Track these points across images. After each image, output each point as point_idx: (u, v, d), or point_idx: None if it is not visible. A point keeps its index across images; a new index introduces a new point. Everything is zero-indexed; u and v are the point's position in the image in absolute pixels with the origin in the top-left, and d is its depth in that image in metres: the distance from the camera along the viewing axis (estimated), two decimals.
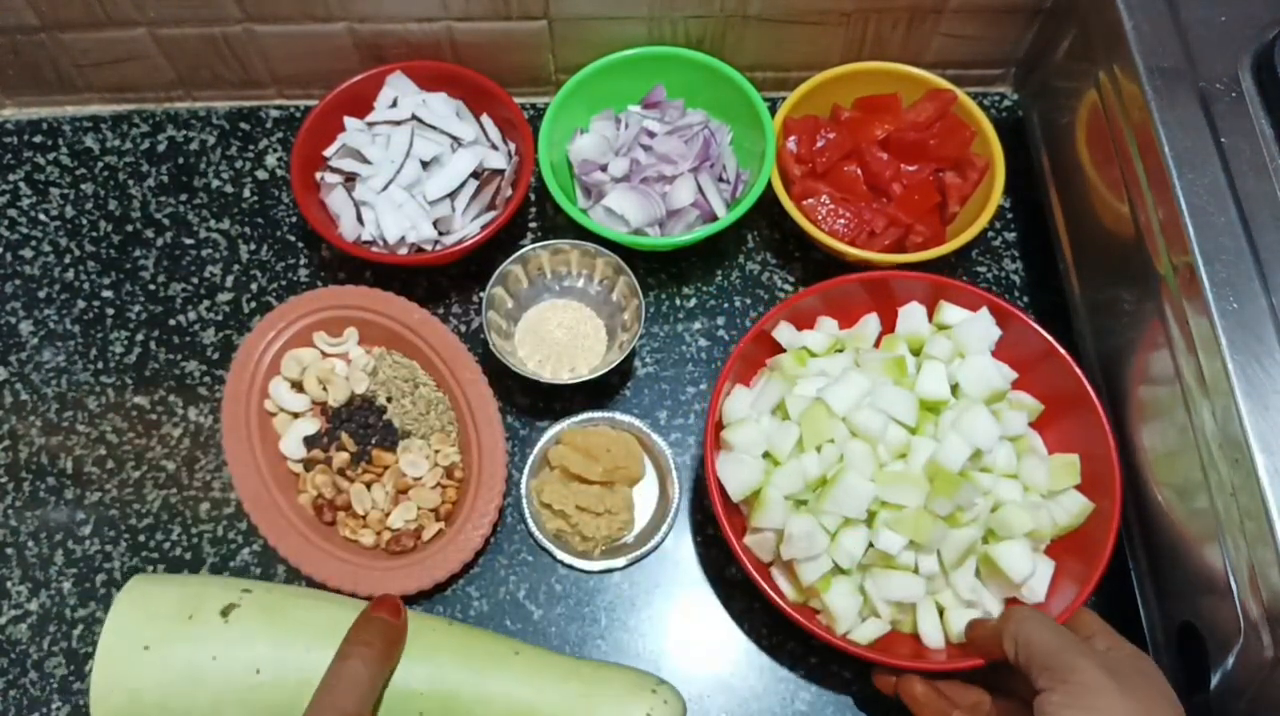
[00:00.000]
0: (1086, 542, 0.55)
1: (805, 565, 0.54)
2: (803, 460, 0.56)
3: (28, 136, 0.77)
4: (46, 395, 0.68)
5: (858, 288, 0.62)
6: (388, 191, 0.67)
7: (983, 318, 0.59)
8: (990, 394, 0.57)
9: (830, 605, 0.54)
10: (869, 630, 0.55)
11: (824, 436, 0.55)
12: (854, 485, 0.53)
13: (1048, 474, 0.57)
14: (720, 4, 0.69)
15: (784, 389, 0.58)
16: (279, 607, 0.52)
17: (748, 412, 0.58)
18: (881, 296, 0.62)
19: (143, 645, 0.50)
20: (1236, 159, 0.52)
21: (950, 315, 0.60)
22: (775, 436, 0.57)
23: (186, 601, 0.52)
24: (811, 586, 0.54)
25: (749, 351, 0.60)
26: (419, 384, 0.66)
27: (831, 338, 0.61)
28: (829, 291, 0.61)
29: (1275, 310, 0.48)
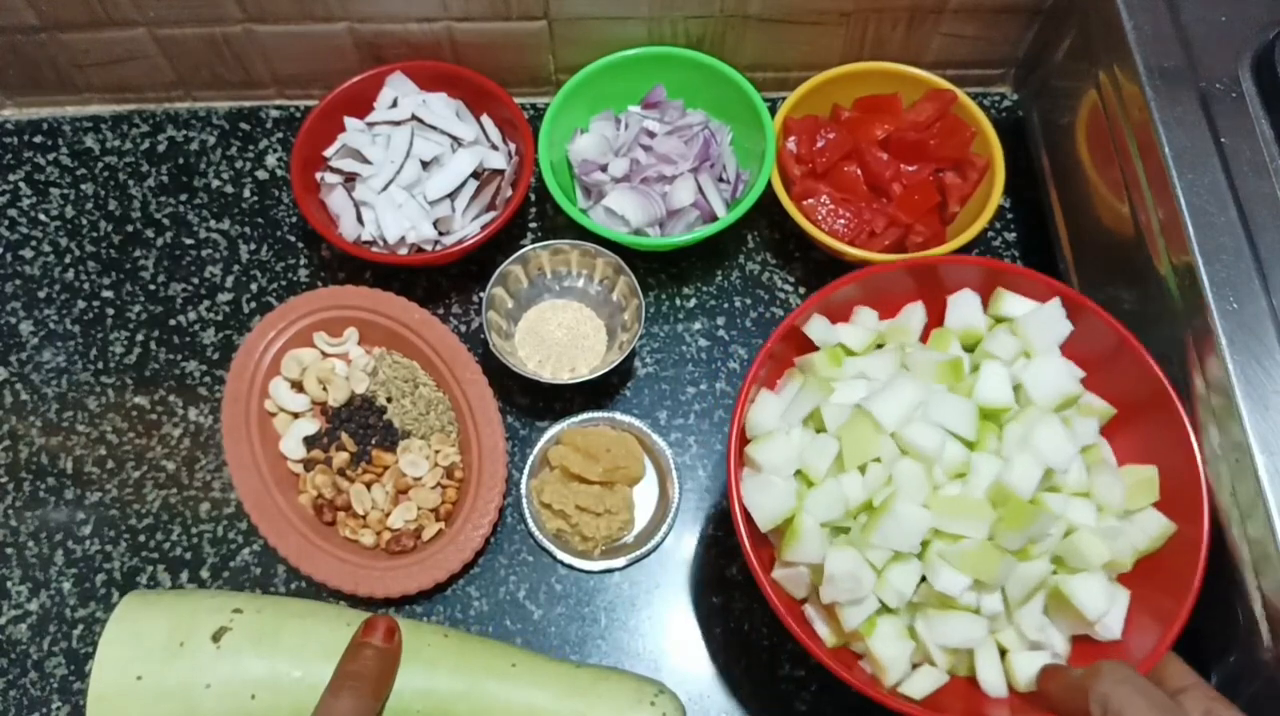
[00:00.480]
0: (1167, 570, 0.48)
1: (849, 609, 0.47)
2: (842, 482, 0.48)
3: (28, 136, 0.77)
4: (46, 395, 0.68)
5: (901, 274, 0.54)
6: (388, 191, 0.67)
7: (1053, 310, 0.51)
8: (1062, 400, 0.49)
9: (877, 652, 0.47)
10: (924, 681, 0.47)
11: (868, 454, 0.48)
12: (906, 514, 0.46)
13: (1123, 491, 0.49)
14: (720, 4, 0.69)
15: (819, 395, 0.50)
16: (270, 629, 0.52)
17: (776, 424, 0.50)
18: (927, 283, 0.54)
19: (135, 675, 0.50)
20: (1236, 159, 0.52)
21: (1012, 306, 0.52)
22: (810, 452, 0.49)
23: (177, 627, 0.51)
24: (857, 629, 0.47)
25: (779, 351, 0.52)
26: (419, 384, 0.66)
27: (871, 332, 0.54)
28: (868, 280, 0.53)
29: (1275, 310, 0.48)
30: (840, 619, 0.47)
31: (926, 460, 0.47)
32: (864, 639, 0.47)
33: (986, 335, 0.52)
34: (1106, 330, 0.51)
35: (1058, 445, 0.47)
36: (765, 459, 0.49)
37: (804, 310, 0.52)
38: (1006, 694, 0.47)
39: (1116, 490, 0.49)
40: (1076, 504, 0.48)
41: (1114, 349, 0.51)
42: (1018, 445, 0.48)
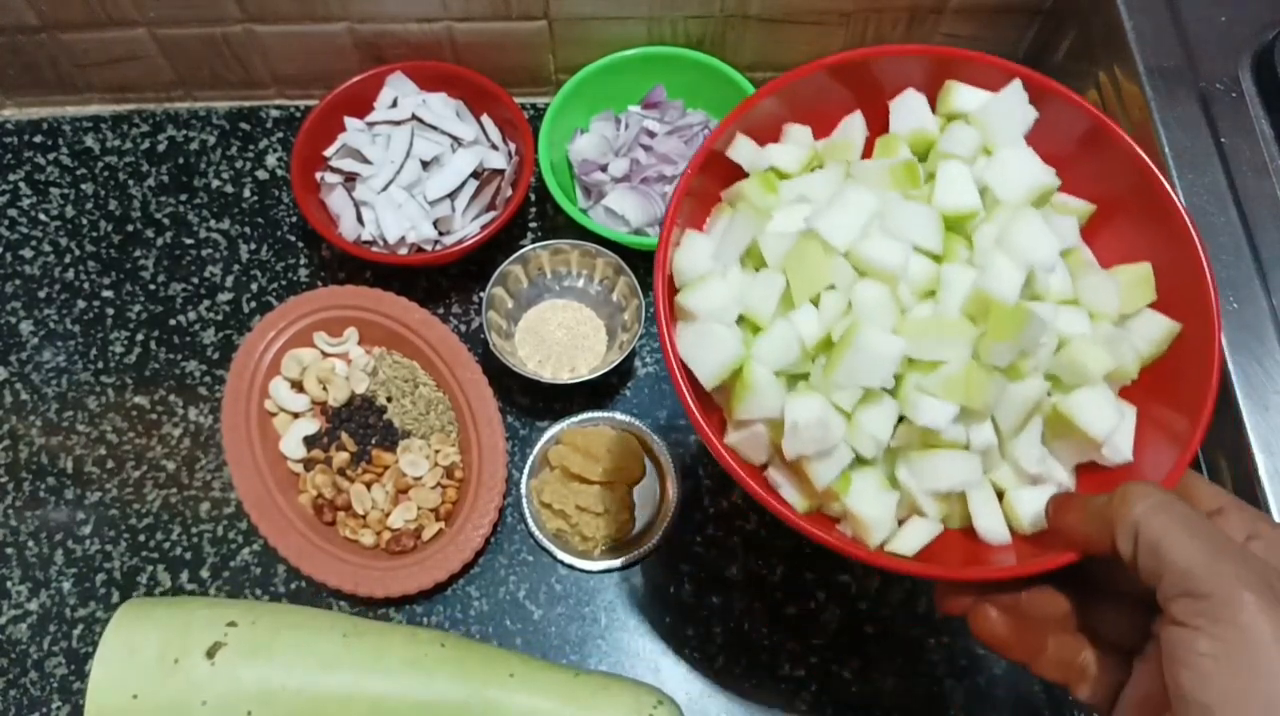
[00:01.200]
0: (1176, 378, 0.41)
1: (818, 463, 0.40)
2: (794, 320, 0.41)
3: (28, 136, 0.77)
4: (46, 395, 0.68)
5: (828, 79, 0.45)
6: (388, 191, 0.67)
7: (1013, 95, 0.44)
8: (1036, 195, 0.42)
9: (856, 510, 0.40)
10: (915, 535, 0.41)
11: (821, 282, 0.40)
12: (873, 343, 0.38)
13: (1116, 292, 0.42)
14: (720, 4, 0.69)
15: (754, 225, 0.43)
16: (264, 644, 0.52)
17: (709, 266, 0.43)
18: (864, 87, 0.46)
19: (131, 694, 0.50)
20: (1236, 159, 0.52)
21: (965, 99, 0.45)
22: (751, 293, 0.41)
23: (171, 642, 0.51)
24: (831, 487, 0.40)
25: (698, 186, 0.44)
26: (419, 384, 0.66)
27: (806, 150, 0.46)
28: (791, 87, 0.45)
29: (1275, 310, 0.48)
30: (810, 477, 0.40)
31: (889, 279, 0.40)
32: (840, 497, 0.40)
33: (940, 136, 0.45)
34: (1078, 115, 0.44)
35: (1039, 240, 0.40)
36: (700, 305, 0.41)
37: (722, 130, 0.44)
38: (1009, 539, 0.40)
39: (1109, 292, 0.42)
40: (1066, 312, 0.41)
41: (1087, 137, 0.44)
42: (992, 248, 0.40)
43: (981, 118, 0.44)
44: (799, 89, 0.45)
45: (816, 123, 0.47)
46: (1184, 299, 0.41)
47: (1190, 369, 0.40)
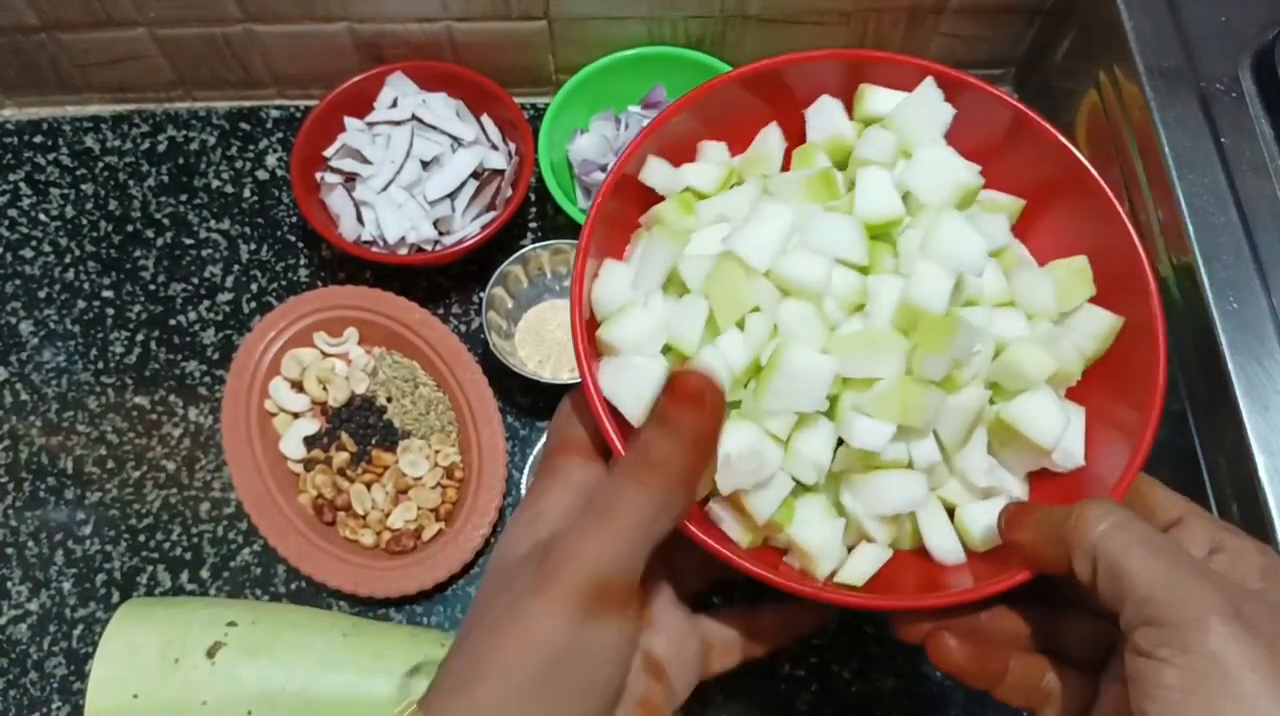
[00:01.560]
0: (1123, 372, 0.39)
1: (756, 495, 0.37)
2: (721, 346, 0.38)
3: (28, 136, 0.77)
4: (46, 395, 0.68)
5: (739, 90, 0.43)
6: (388, 191, 0.67)
7: (926, 94, 0.41)
8: (959, 195, 0.40)
9: (801, 541, 0.38)
10: (865, 562, 0.38)
11: (744, 305, 0.38)
12: (801, 364, 0.36)
13: (1052, 289, 0.40)
14: (720, 4, 0.69)
15: (672, 250, 0.40)
16: (264, 644, 0.52)
17: (629, 295, 0.40)
18: (778, 98, 0.44)
19: (131, 693, 0.50)
20: (1236, 159, 0.52)
21: (879, 101, 0.42)
22: (675, 321, 0.39)
23: (171, 643, 0.51)
24: (773, 520, 0.37)
25: (613, 212, 0.41)
26: (419, 384, 0.66)
27: (723, 167, 0.43)
28: (702, 101, 0.42)
29: (1275, 310, 0.48)
30: (750, 510, 0.37)
31: (814, 296, 0.38)
32: (784, 528, 0.38)
33: (857, 142, 0.42)
34: (998, 109, 0.41)
35: (964, 242, 0.37)
36: (622, 338, 0.38)
37: (633, 152, 0.41)
38: (964, 557, 0.38)
39: (1044, 290, 0.40)
40: (1002, 315, 0.39)
41: (1010, 130, 0.42)
42: (917, 254, 0.38)
43: (898, 119, 0.42)
44: (711, 103, 0.43)
45: (734, 137, 0.44)
46: (1124, 290, 0.39)
47: (1137, 362, 0.38)
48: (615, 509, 0.31)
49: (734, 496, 0.38)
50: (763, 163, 0.43)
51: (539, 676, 0.30)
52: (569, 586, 0.30)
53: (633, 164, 0.41)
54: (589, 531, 0.31)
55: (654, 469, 0.31)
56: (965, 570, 0.38)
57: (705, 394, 0.32)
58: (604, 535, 0.30)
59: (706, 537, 0.36)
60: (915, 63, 0.42)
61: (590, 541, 0.30)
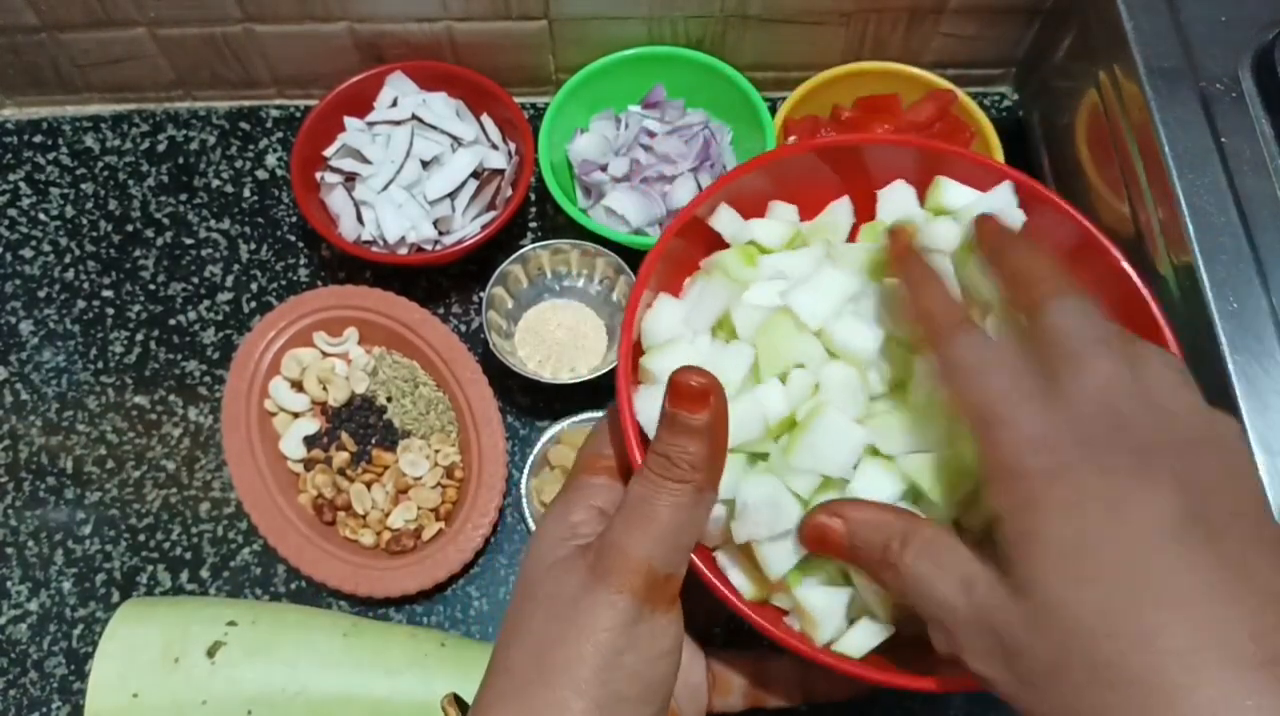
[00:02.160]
0: None
1: (769, 548, 0.37)
2: (759, 394, 0.39)
3: (28, 136, 0.77)
4: (46, 395, 0.68)
5: (817, 162, 0.44)
6: (388, 191, 0.67)
7: (1001, 197, 0.43)
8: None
9: (805, 603, 0.38)
10: (863, 636, 0.38)
11: (791, 359, 0.39)
12: (836, 427, 0.37)
13: None
14: (720, 4, 0.69)
15: (728, 294, 0.41)
16: (265, 643, 0.52)
17: (679, 331, 0.41)
18: (854, 174, 0.45)
19: (131, 692, 0.50)
20: (1236, 159, 0.52)
21: (953, 195, 0.44)
22: (719, 363, 0.39)
23: (171, 642, 0.51)
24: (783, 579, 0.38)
25: (676, 249, 0.43)
26: (419, 384, 0.66)
27: (790, 227, 0.44)
28: (780, 163, 0.44)
29: (1275, 310, 0.48)
30: (761, 562, 0.38)
31: (860, 363, 0.39)
32: (791, 589, 0.38)
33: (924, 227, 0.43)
34: (1069, 225, 0.42)
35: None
36: (663, 369, 0.38)
37: (706, 197, 0.42)
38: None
39: None
40: None
41: (1076, 246, 0.43)
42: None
43: (969, 216, 0.42)
44: (787, 167, 0.44)
45: (803, 202, 0.46)
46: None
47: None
48: (652, 507, 0.32)
49: (746, 547, 0.38)
50: (829, 231, 0.44)
51: (605, 668, 0.31)
52: (624, 579, 0.31)
53: (704, 208, 0.43)
54: (633, 529, 0.32)
55: (676, 468, 0.33)
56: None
57: (707, 390, 0.33)
58: (649, 531, 0.32)
59: (715, 580, 0.37)
60: (997, 166, 0.43)
61: (636, 537, 0.32)
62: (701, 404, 0.33)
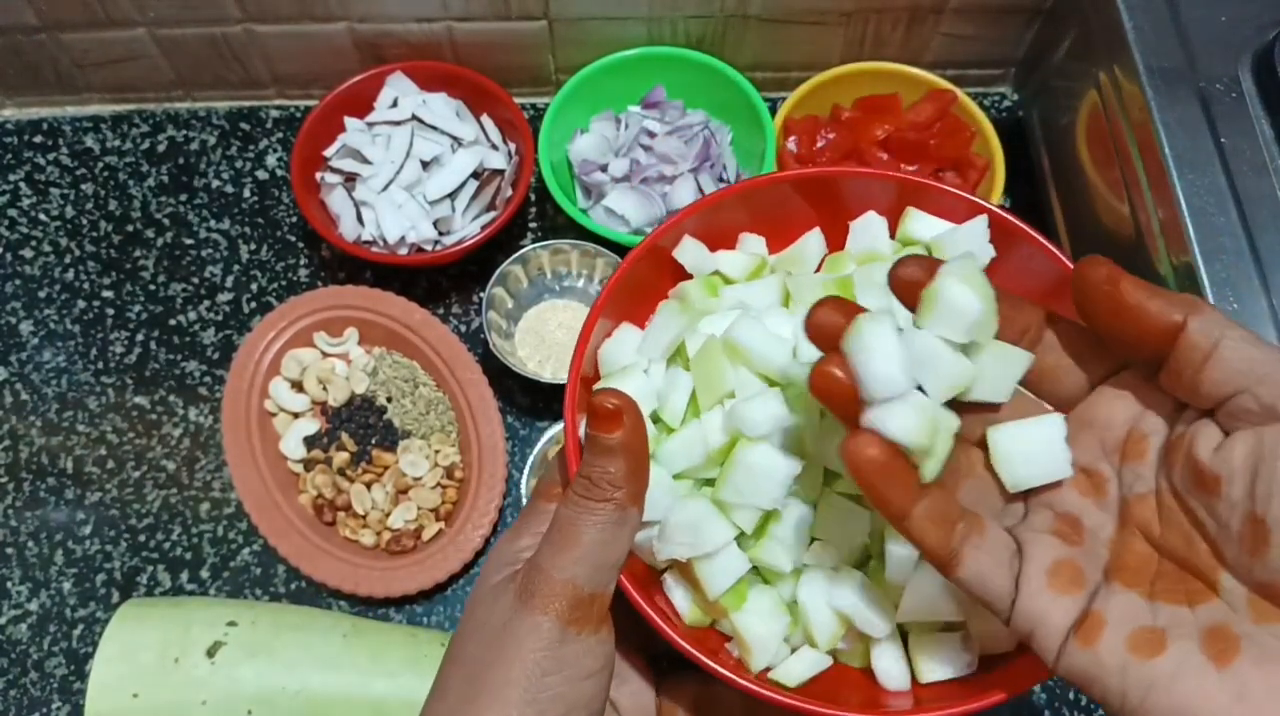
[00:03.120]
0: None
1: (707, 567, 0.37)
2: (704, 424, 0.38)
3: (28, 136, 0.77)
4: (46, 395, 0.68)
5: (789, 191, 0.43)
6: (388, 191, 0.67)
7: (973, 230, 0.41)
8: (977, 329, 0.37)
9: (742, 631, 0.37)
10: (801, 665, 0.38)
11: (722, 389, 0.38)
12: (763, 462, 0.36)
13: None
14: (720, 4, 0.69)
15: (681, 323, 0.41)
16: (264, 644, 0.52)
17: (633, 360, 0.41)
18: (828, 206, 0.44)
19: (131, 693, 0.50)
20: (1236, 159, 0.52)
21: (922, 227, 0.42)
22: (666, 390, 0.39)
23: (171, 642, 0.51)
24: (719, 601, 0.37)
25: (640, 277, 0.42)
26: (419, 384, 0.66)
27: (755, 259, 0.44)
28: (751, 193, 0.43)
29: (1275, 310, 0.48)
30: (702, 583, 0.37)
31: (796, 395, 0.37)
32: (730, 614, 0.38)
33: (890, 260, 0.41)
34: (1045, 260, 0.41)
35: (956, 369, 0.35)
36: None
37: (669, 228, 0.42)
38: (908, 686, 0.38)
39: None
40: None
41: (1054, 282, 0.41)
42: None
43: (937, 247, 0.41)
44: (760, 196, 0.43)
45: (776, 233, 0.45)
46: None
47: None
48: (575, 528, 0.33)
49: (687, 568, 0.38)
50: (799, 263, 0.44)
51: (532, 690, 0.31)
52: (548, 601, 0.32)
53: (668, 238, 0.42)
54: (557, 552, 0.33)
55: (597, 488, 0.33)
56: (908, 697, 0.37)
57: (621, 411, 0.34)
58: (572, 553, 0.33)
59: (649, 608, 0.36)
60: (970, 199, 0.42)
61: (559, 559, 0.33)
62: (615, 424, 0.33)
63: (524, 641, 0.32)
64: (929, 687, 0.37)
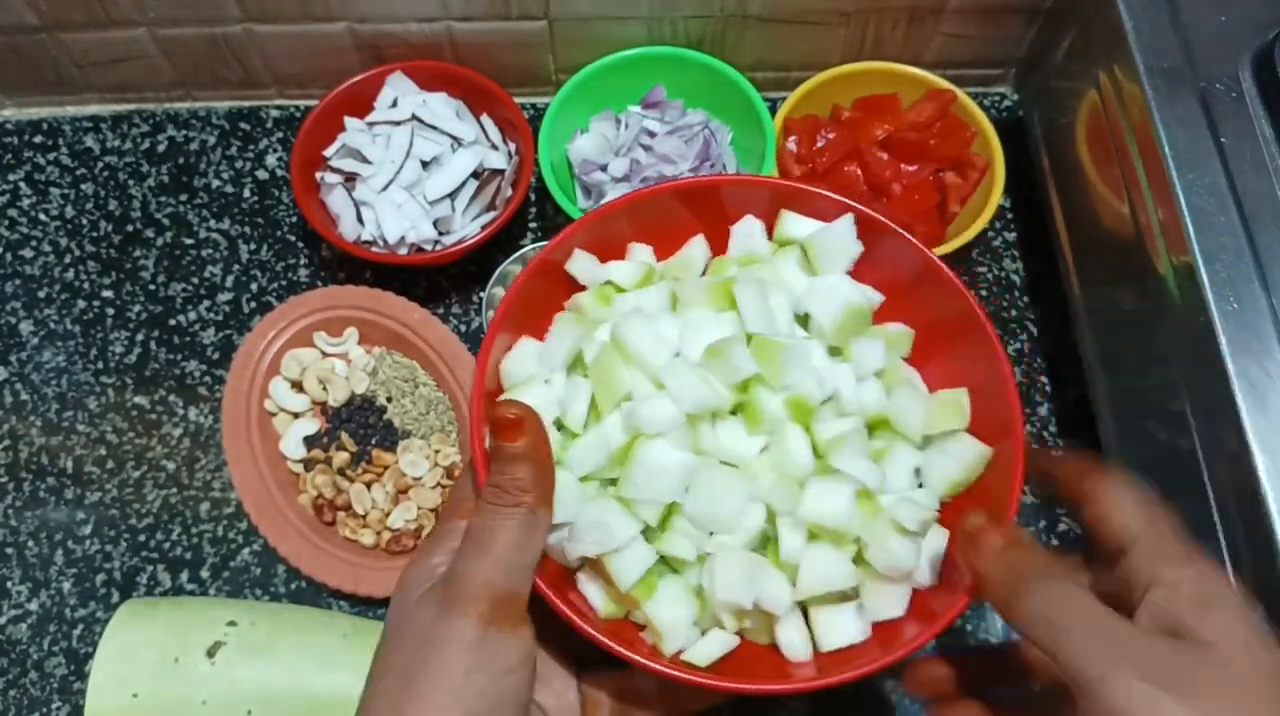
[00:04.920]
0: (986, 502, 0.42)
1: (617, 561, 0.39)
2: (604, 427, 0.41)
3: (28, 136, 0.77)
4: (46, 395, 0.68)
5: (671, 201, 0.46)
6: (388, 191, 0.67)
7: (840, 228, 0.45)
8: (850, 316, 0.43)
9: (654, 618, 0.40)
10: (711, 645, 0.40)
11: (619, 391, 0.41)
12: (658, 459, 0.39)
13: (924, 412, 0.43)
14: (720, 4, 0.69)
15: (580, 335, 0.43)
16: (265, 643, 0.52)
17: (535, 371, 0.43)
18: (710, 213, 0.47)
19: (131, 693, 0.50)
20: (1236, 159, 0.52)
21: (796, 227, 0.46)
22: (567, 399, 0.42)
23: (172, 642, 0.52)
24: (631, 592, 0.40)
25: (535, 291, 0.44)
26: (419, 384, 0.66)
27: (644, 267, 0.46)
28: (637, 205, 0.46)
29: (1275, 310, 0.48)
30: (613, 576, 0.39)
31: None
32: (642, 604, 0.40)
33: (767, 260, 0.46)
34: (911, 254, 0.45)
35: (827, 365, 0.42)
36: None
37: (560, 243, 0.44)
38: (810, 656, 0.41)
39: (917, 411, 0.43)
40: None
41: (919, 273, 0.45)
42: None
43: (809, 245, 0.45)
44: (647, 207, 0.46)
45: (663, 242, 0.48)
46: (998, 425, 0.42)
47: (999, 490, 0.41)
48: (490, 533, 0.36)
49: (599, 564, 0.40)
50: (684, 268, 0.47)
51: (459, 687, 0.34)
52: (467, 605, 0.34)
53: (559, 252, 0.44)
54: (473, 557, 0.35)
55: (506, 494, 0.36)
56: (812, 665, 0.40)
57: (522, 419, 0.37)
58: (487, 557, 0.35)
59: (564, 606, 0.38)
60: (837, 200, 0.45)
61: (475, 565, 0.35)
62: (518, 432, 0.36)
63: (448, 644, 0.34)
64: (830, 655, 0.40)
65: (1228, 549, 0.47)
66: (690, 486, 0.40)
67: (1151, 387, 0.55)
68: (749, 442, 0.41)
